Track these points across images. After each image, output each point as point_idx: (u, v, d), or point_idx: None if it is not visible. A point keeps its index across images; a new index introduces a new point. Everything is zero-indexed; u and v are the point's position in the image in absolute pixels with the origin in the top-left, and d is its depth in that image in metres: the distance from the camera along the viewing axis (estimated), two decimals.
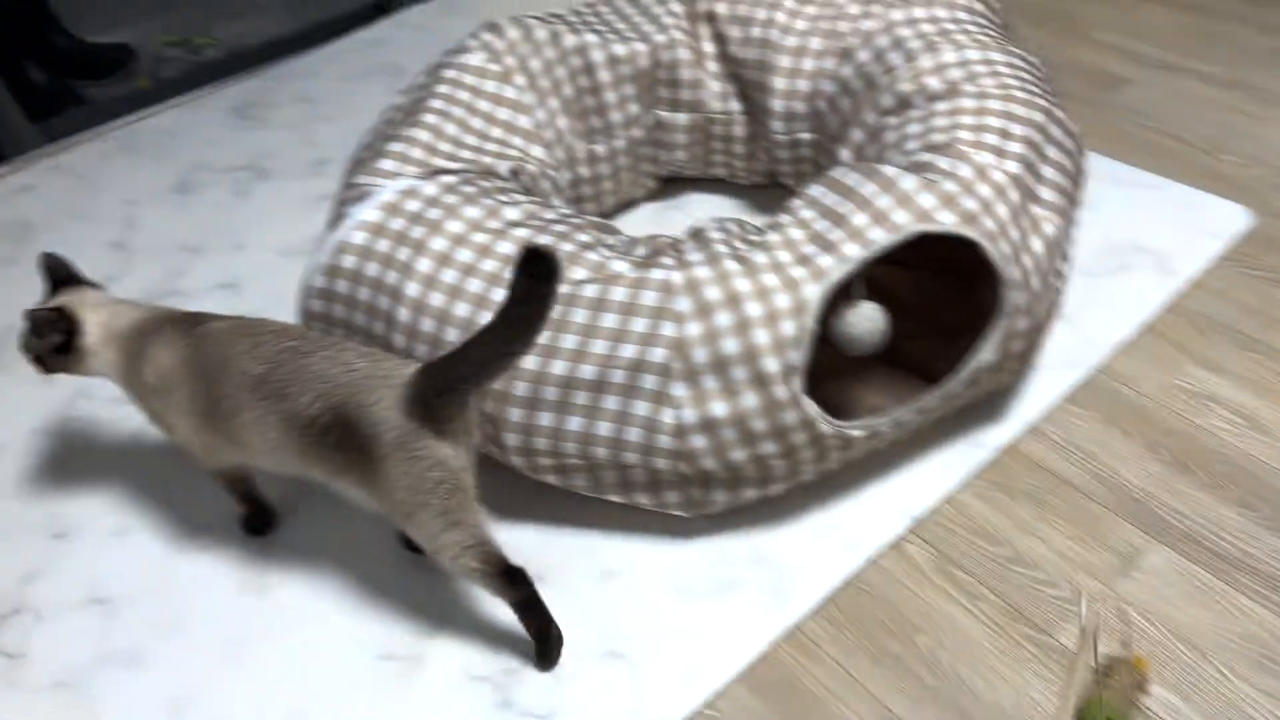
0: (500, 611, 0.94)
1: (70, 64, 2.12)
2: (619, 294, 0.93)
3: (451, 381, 0.81)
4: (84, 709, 0.92)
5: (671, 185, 1.42)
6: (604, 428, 0.93)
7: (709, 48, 1.30)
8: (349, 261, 1.02)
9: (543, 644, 0.90)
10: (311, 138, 1.63)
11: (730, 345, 0.89)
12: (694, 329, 0.90)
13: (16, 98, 1.87)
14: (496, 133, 1.18)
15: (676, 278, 0.92)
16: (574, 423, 0.93)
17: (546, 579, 0.98)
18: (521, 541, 1.01)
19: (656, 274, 0.93)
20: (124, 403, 1.01)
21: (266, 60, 1.87)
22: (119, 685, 0.94)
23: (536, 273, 0.76)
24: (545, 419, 0.94)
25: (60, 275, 1.00)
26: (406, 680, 0.92)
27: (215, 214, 1.49)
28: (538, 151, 1.21)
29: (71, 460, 1.15)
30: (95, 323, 0.96)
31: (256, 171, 1.56)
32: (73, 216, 1.51)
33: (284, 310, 1.30)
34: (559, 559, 1.00)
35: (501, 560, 0.87)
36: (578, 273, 0.96)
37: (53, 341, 0.96)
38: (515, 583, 0.88)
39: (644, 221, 1.38)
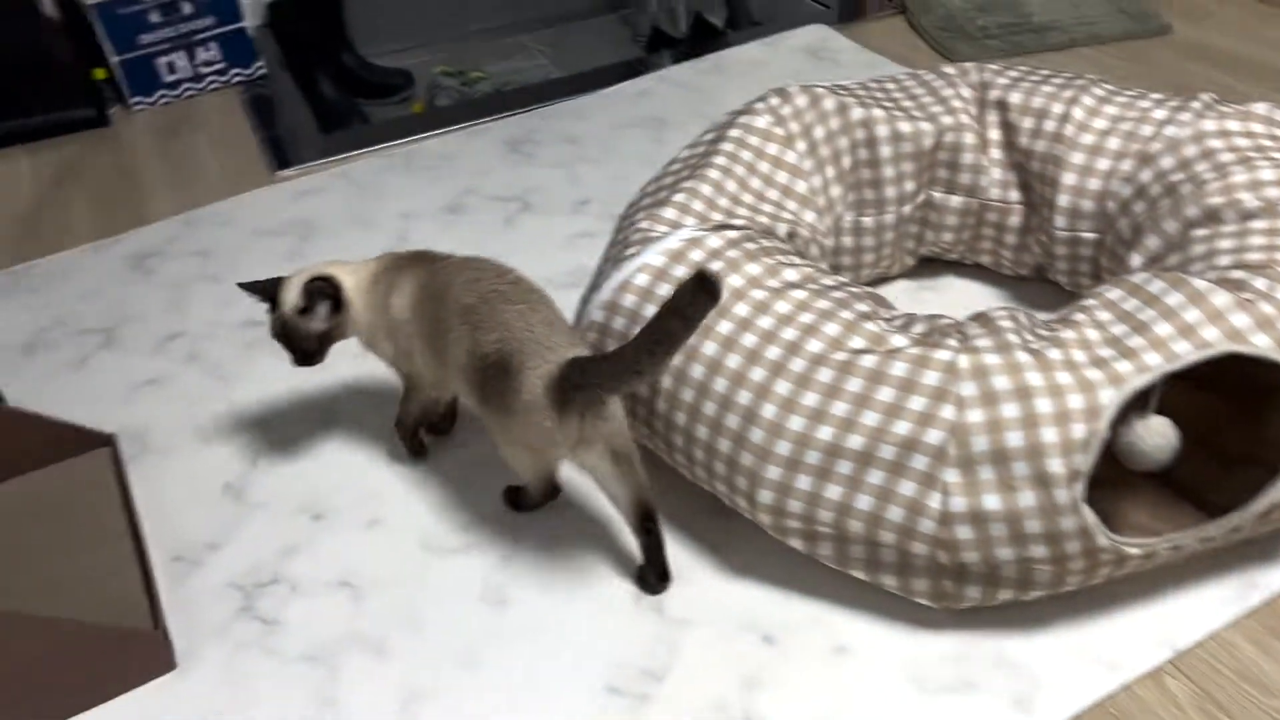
0: (731, 667, 0.94)
1: (357, 83, 2.30)
2: (898, 369, 0.92)
3: (588, 380, 0.92)
4: (328, 685, 0.97)
5: (928, 265, 1.41)
6: (864, 501, 0.92)
7: (995, 135, 1.28)
8: (629, 300, 1.05)
9: (650, 572, 1.02)
10: (576, 177, 1.70)
11: (1014, 439, 0.87)
12: (976, 416, 0.88)
13: (311, 108, 2.05)
14: (773, 194, 1.21)
15: (963, 361, 0.91)
16: (833, 491, 0.93)
17: (776, 641, 0.97)
18: (753, 598, 1.01)
19: (941, 354, 0.92)
20: (386, 402, 1.07)
21: (534, 100, 1.97)
22: (361, 669, 0.98)
23: (697, 296, 0.83)
24: (804, 482, 0.93)
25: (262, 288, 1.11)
26: (632, 717, 0.92)
27: (481, 237, 1.57)
28: (809, 217, 1.22)
29: (335, 450, 1.23)
30: (345, 278, 1.08)
31: (523, 203, 1.64)
32: (353, 221, 1.63)
33: None
34: (790, 624, 0.99)
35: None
36: (855, 341, 0.95)
37: (323, 311, 1.06)
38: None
39: (897, 298, 1.37)
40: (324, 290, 1.07)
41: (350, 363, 1.34)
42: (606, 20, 2.70)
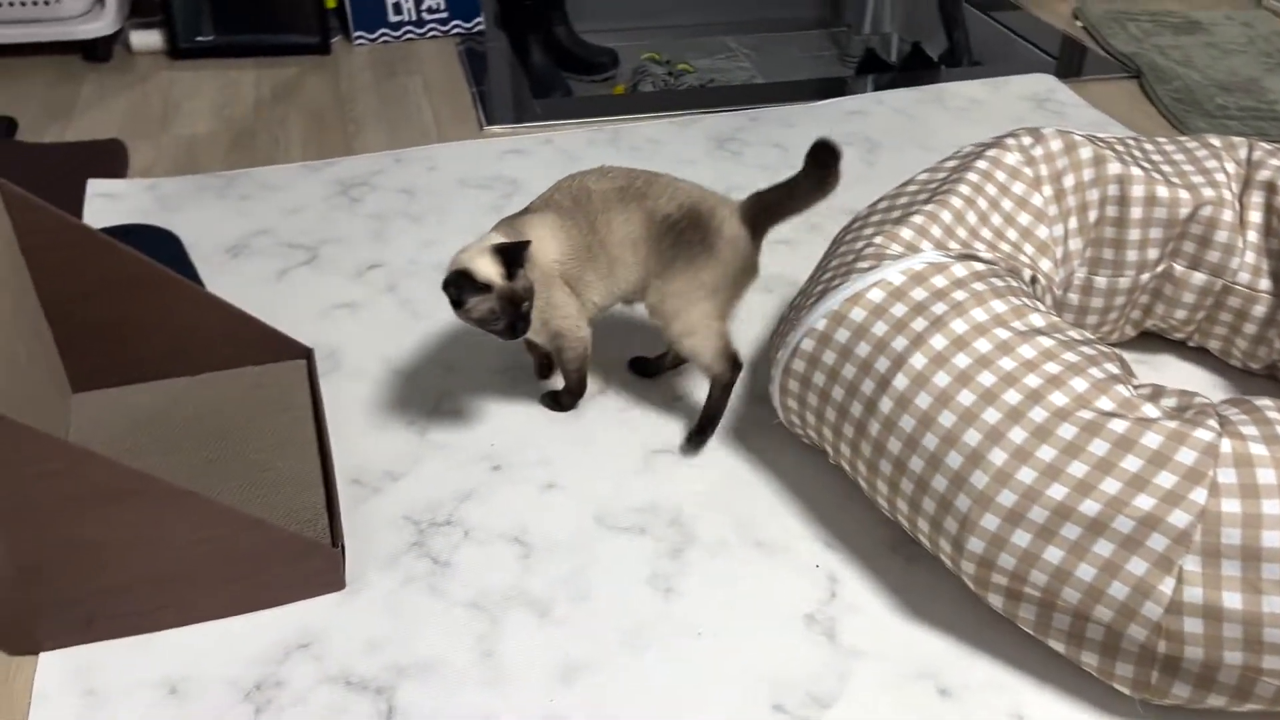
0: (902, 713, 0.90)
1: (565, 55, 2.32)
2: (1150, 439, 0.87)
3: (770, 208, 1.13)
4: (490, 636, 0.96)
5: (1147, 340, 1.33)
6: (1086, 572, 0.86)
7: (1256, 218, 1.21)
8: (857, 315, 1.01)
9: (705, 430, 1.17)
10: None
11: (1272, 539, 0.81)
12: (1233, 506, 0.82)
13: (523, 72, 2.07)
14: (1012, 235, 1.15)
15: (1226, 445, 0.84)
16: (1053, 554, 0.87)
17: (953, 696, 0.92)
18: (930, 646, 0.96)
19: (1202, 434, 0.86)
20: None
21: (740, 101, 1.95)
22: (524, 627, 0.97)
23: (824, 158, 1.09)
24: (1021, 539, 0.88)
25: None
26: None
27: None
28: (1045, 265, 1.17)
29: (518, 407, 1.22)
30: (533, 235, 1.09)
31: None
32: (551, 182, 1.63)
33: (735, 336, 1.32)
34: (969, 682, 0.94)
35: (734, 350, 1.15)
36: (1103, 403, 0.90)
37: (526, 275, 1.05)
38: (734, 368, 1.15)
39: None
40: (523, 248, 1.04)
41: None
42: (814, 35, 2.67)
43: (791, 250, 1.51)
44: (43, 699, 0.90)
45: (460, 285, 1.03)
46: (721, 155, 1.75)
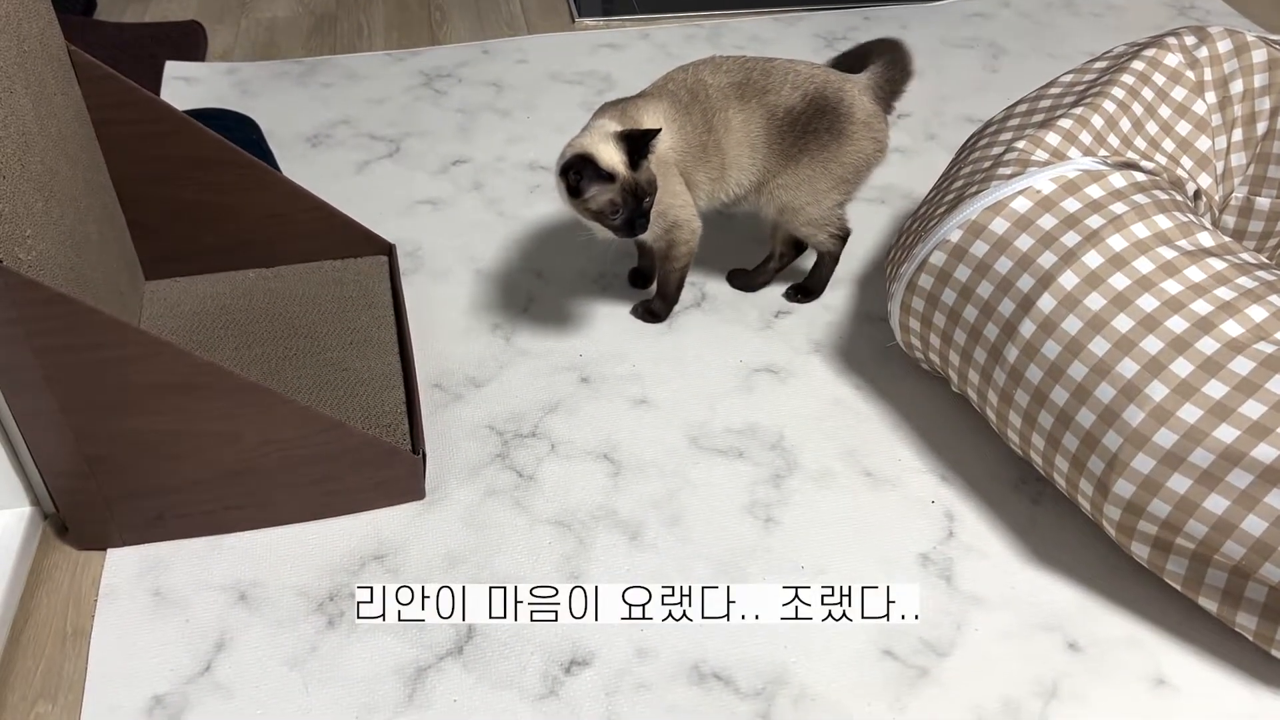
0: (1026, 665, 0.82)
1: None
2: None
3: (894, 82, 1.08)
4: (576, 557, 0.89)
5: None
6: (1254, 524, 0.76)
7: None
8: (998, 226, 0.90)
9: (816, 290, 1.15)
10: None
11: None
12: None
13: None
14: (1169, 145, 1.02)
15: None
16: (1215, 503, 0.77)
17: (1083, 652, 0.83)
18: (1058, 595, 0.87)
19: None
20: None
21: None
22: (612, 549, 0.90)
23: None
24: (1179, 484, 0.78)
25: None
26: (908, 689, 0.81)
27: None
28: (1204, 180, 1.04)
29: (608, 317, 1.14)
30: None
31: None
32: (647, 82, 1.52)
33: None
34: (1101, 637, 0.85)
35: (847, 225, 1.12)
36: None
37: (649, 167, 0.97)
38: (843, 242, 1.12)
39: None
40: (652, 135, 0.96)
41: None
42: None
43: (906, 159, 1.39)
44: (110, 595, 0.86)
45: (581, 171, 0.94)
46: (830, 55, 1.62)
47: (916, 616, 0.85)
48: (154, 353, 0.80)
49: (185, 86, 1.49)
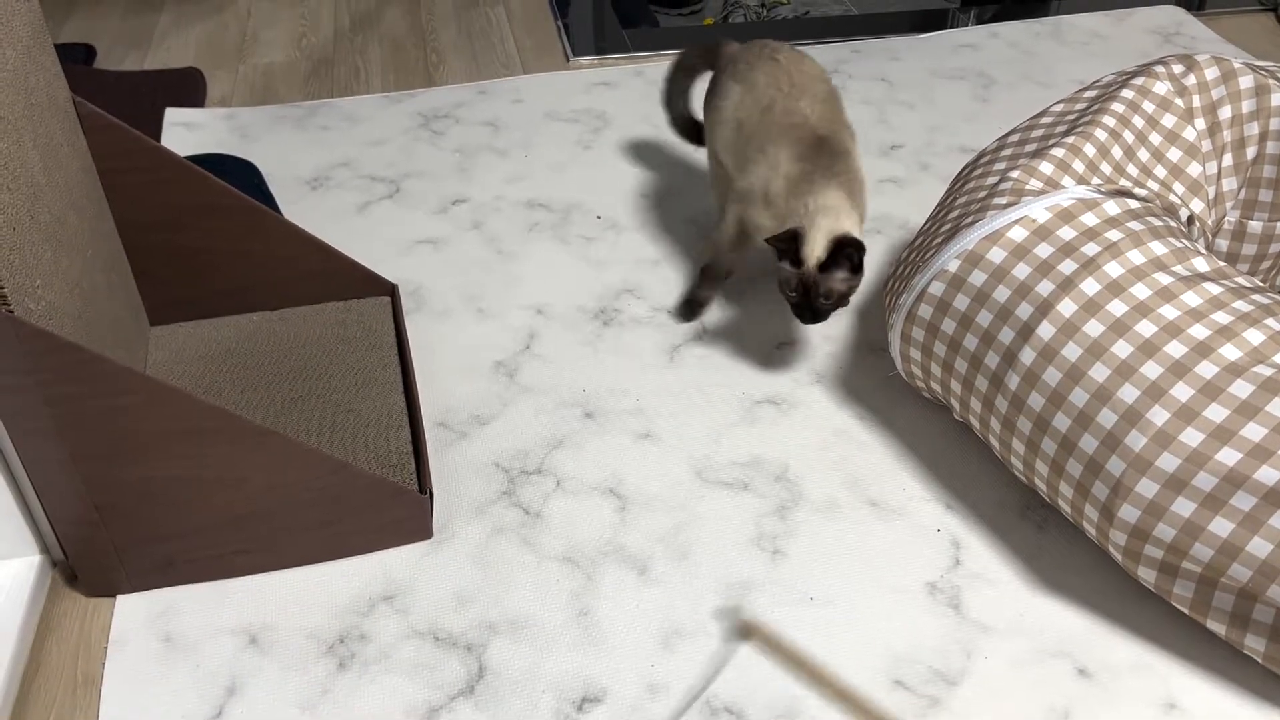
0: (1037, 693, 0.82)
1: None
2: None
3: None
4: (585, 592, 0.90)
5: None
6: (1260, 547, 0.76)
7: None
8: (995, 255, 0.92)
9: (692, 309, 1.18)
10: (887, 120, 1.56)
11: None
12: None
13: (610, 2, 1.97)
14: (1160, 172, 1.04)
15: None
16: (1220, 526, 0.78)
17: (1093, 678, 0.83)
18: (1066, 622, 0.87)
19: None
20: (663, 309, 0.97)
21: (837, 33, 1.83)
22: (620, 584, 0.90)
23: None
24: (1184, 508, 0.79)
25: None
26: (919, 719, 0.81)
27: None
28: (1197, 205, 1.05)
29: (611, 351, 1.15)
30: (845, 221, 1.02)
31: None
32: (644, 121, 1.54)
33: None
34: (1111, 663, 0.85)
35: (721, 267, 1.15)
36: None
37: (842, 274, 1.00)
38: (706, 272, 1.16)
39: None
40: (852, 255, 0.98)
41: (632, 267, 1.26)
42: None
43: (900, 189, 1.40)
44: (120, 643, 0.86)
45: (783, 245, 0.99)
46: None
47: (927, 647, 0.85)
48: (162, 399, 0.80)
49: (186, 132, 1.51)
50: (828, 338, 1.16)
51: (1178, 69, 1.10)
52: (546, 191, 1.39)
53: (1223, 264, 0.89)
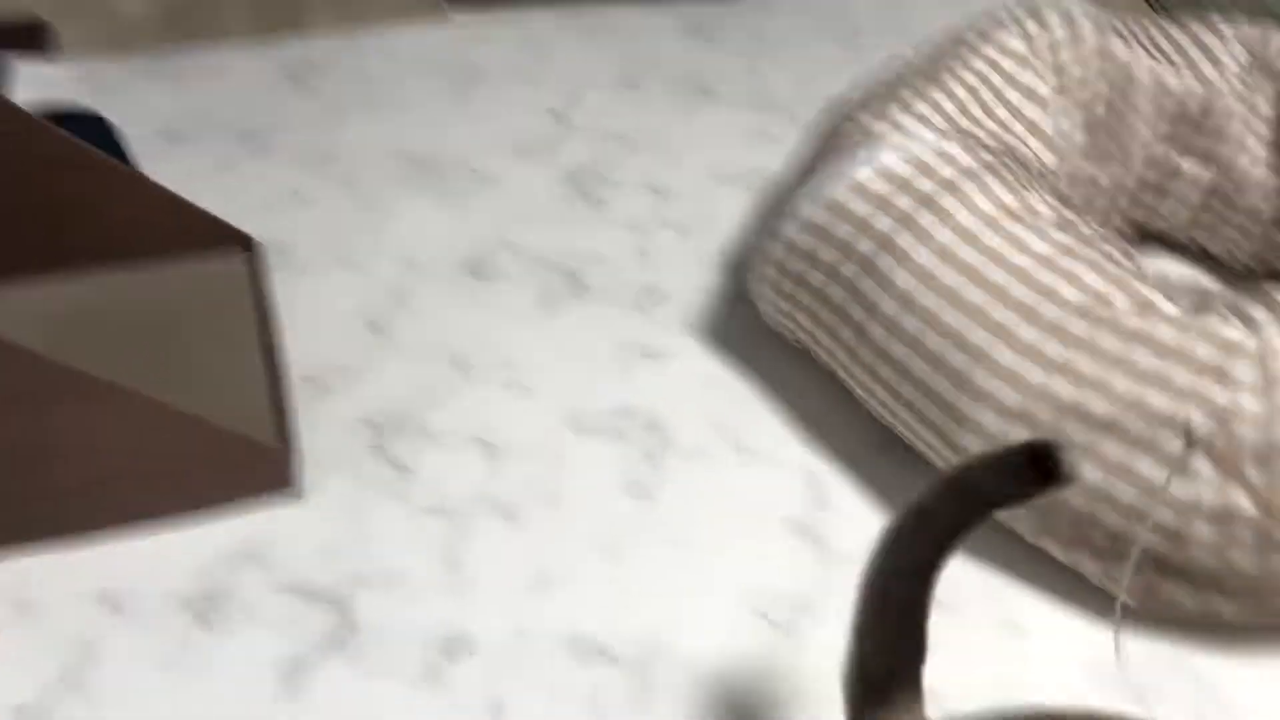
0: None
1: None
2: (1165, 335, 0.81)
3: None
4: (456, 544, 0.90)
5: (1146, 244, 1.28)
6: (1091, 473, 0.81)
7: (1266, 109, 1.14)
8: (858, 207, 0.94)
9: None
10: (759, 72, 1.58)
11: None
12: (1250, 404, 0.77)
13: None
14: (1018, 128, 1.08)
15: (1250, 343, 0.79)
16: None
17: (943, 604, 0.88)
18: None
19: (1224, 330, 0.80)
20: (540, 264, 0.97)
21: None
22: (491, 534, 0.91)
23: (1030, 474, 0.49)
24: (1023, 438, 0.83)
25: None
26: (783, 646, 0.84)
27: (654, 118, 1.46)
28: (1049, 159, 1.10)
29: (484, 305, 1.14)
30: None
31: (702, 91, 1.53)
32: (519, 77, 1.52)
33: (713, 233, 1.26)
34: (958, 589, 0.89)
35: None
36: (1119, 299, 0.84)
37: None
38: None
39: None
40: None
41: (507, 221, 1.26)
42: None
43: (772, 143, 1.42)
44: None
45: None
46: (696, 45, 1.65)
47: (789, 580, 0.88)
48: (4, 359, 0.77)
49: (34, 86, 1.43)
50: (700, 289, 1.18)
51: (1029, 26, 1.14)
52: (417, 142, 1.36)
53: (1069, 213, 0.93)
